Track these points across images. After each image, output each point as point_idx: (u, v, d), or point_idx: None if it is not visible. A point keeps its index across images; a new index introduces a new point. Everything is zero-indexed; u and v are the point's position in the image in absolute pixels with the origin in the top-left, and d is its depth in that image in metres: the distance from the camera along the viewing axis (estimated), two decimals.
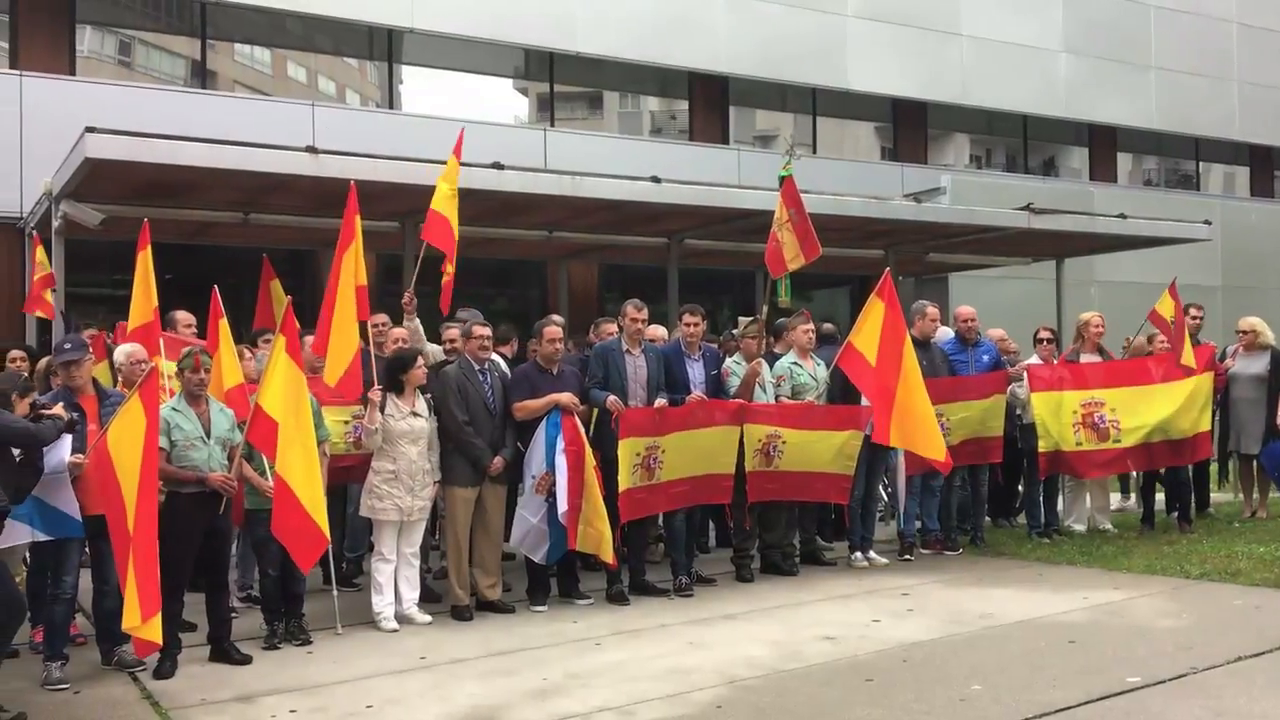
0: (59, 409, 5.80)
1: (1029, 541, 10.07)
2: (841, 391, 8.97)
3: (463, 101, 15.87)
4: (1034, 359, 10.33)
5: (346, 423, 7.83)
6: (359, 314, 7.62)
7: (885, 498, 10.59)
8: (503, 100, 17.27)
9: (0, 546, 5.72)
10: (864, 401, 8.94)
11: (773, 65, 17.72)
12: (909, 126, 19.85)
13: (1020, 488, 10.86)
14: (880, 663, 6.37)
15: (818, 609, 7.77)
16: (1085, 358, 10.30)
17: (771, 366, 9.01)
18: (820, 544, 9.60)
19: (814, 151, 18.27)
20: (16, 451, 5.58)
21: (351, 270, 7.61)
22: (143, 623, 5.85)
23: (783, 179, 8.73)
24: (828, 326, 10.60)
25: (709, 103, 17.96)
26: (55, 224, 9.61)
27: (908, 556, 9.49)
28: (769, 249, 8.75)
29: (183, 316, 8.51)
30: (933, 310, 9.63)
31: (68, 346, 6.40)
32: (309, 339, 7.70)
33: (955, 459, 9.24)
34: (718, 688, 5.93)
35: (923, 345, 9.29)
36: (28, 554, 6.45)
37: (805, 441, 8.58)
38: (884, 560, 9.34)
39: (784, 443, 8.52)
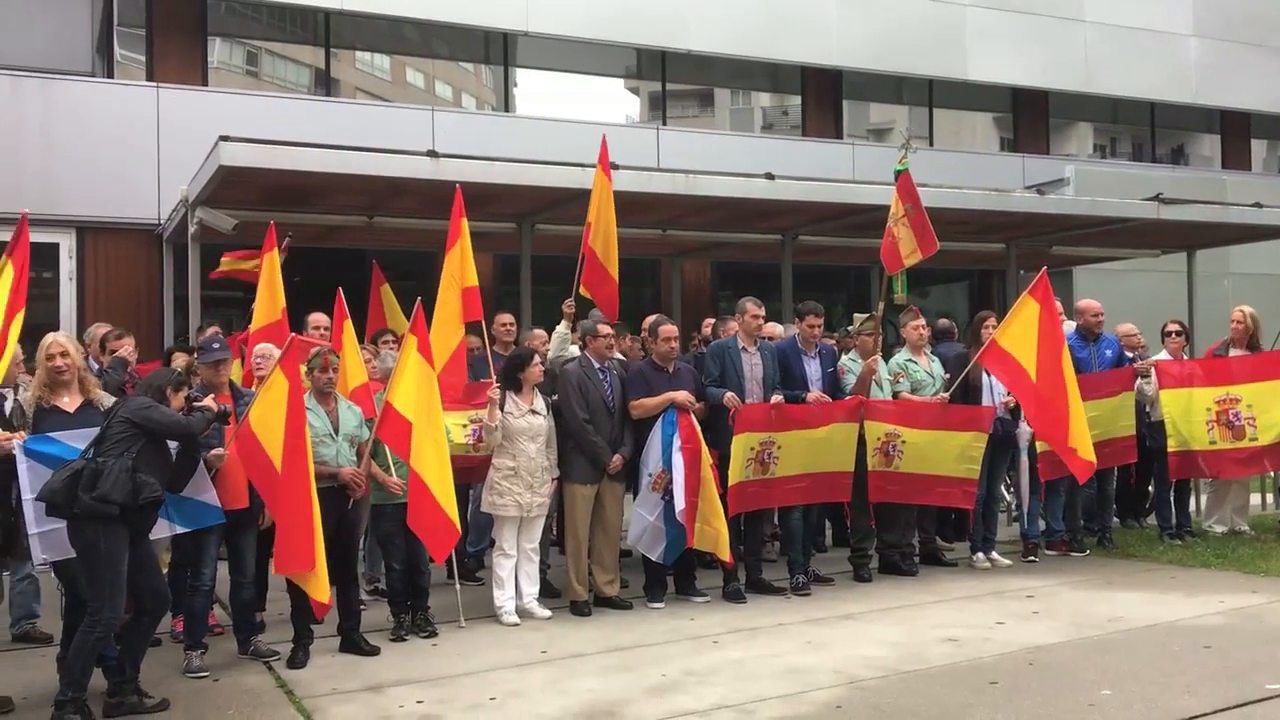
0: (210, 401, 6.06)
1: (1160, 543, 9.76)
2: (962, 391, 8.79)
3: (575, 102, 16.03)
4: (1163, 354, 9.98)
5: (464, 426, 7.98)
6: (470, 314, 7.75)
7: (1008, 497, 10.36)
8: (614, 100, 17.38)
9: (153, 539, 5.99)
10: (985, 401, 8.76)
11: (887, 57, 17.45)
12: (1030, 116, 19.34)
13: (1150, 488, 10.51)
14: (1005, 666, 6.24)
15: (939, 610, 7.65)
16: (1235, 353, 9.88)
17: (886, 364, 8.89)
18: (940, 544, 9.44)
19: (930, 144, 17.96)
20: (173, 444, 5.84)
21: (456, 272, 7.73)
22: (278, 570, 6.21)
23: (899, 173, 8.59)
24: (943, 322, 10.40)
25: (821, 97, 17.78)
26: (191, 230, 10.01)
27: (1032, 558, 9.27)
28: (885, 244, 8.62)
29: (315, 319, 8.80)
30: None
31: (215, 346, 6.68)
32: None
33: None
34: (837, 688, 5.89)
35: None
36: (170, 548, 6.74)
37: (926, 442, 8.44)
38: (1007, 561, 9.14)
39: (904, 442, 8.40)
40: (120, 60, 13.59)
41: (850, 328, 9.32)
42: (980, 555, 9.13)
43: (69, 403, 5.86)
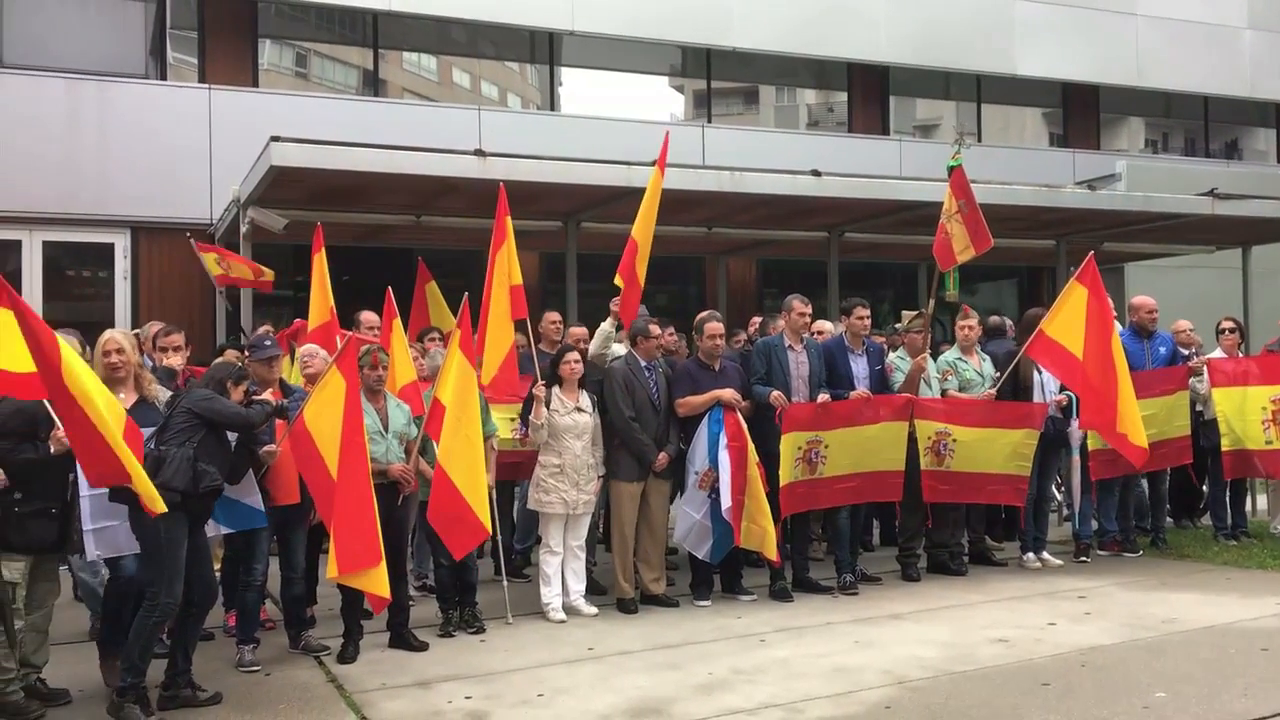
0: (268, 395, 6.13)
1: (1214, 544, 9.60)
2: (1012, 389, 8.69)
3: (620, 101, 16.05)
4: (1217, 352, 9.81)
5: (513, 420, 8.02)
6: (516, 312, 7.78)
7: (1058, 496, 10.24)
8: (659, 98, 17.38)
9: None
10: (1036, 399, 8.67)
11: (935, 53, 17.30)
12: (1080, 111, 19.10)
13: (1204, 487, 10.34)
14: (1057, 667, 6.17)
15: (989, 610, 7.58)
16: None
17: (935, 362, 8.82)
18: (990, 543, 9.34)
19: (979, 140, 17.78)
20: (232, 436, 5.93)
21: (505, 271, 7.77)
22: (340, 573, 6.16)
23: (951, 169, 8.50)
24: (995, 319, 10.30)
25: (868, 93, 17.67)
26: (243, 229, 10.15)
27: (1083, 558, 9.17)
28: (937, 241, 8.54)
29: (366, 318, 8.88)
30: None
31: (267, 344, 6.76)
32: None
33: (1147, 463, 8.87)
34: (886, 688, 5.85)
35: None
36: (222, 543, 6.83)
37: (977, 440, 8.36)
38: (1058, 561, 9.04)
39: (955, 441, 8.33)
40: (173, 62, 13.79)
41: (898, 325, 9.25)
42: (1031, 555, 9.03)
43: (125, 399, 5.95)
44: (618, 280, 8.09)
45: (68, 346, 5.13)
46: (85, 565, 6.63)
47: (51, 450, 5.51)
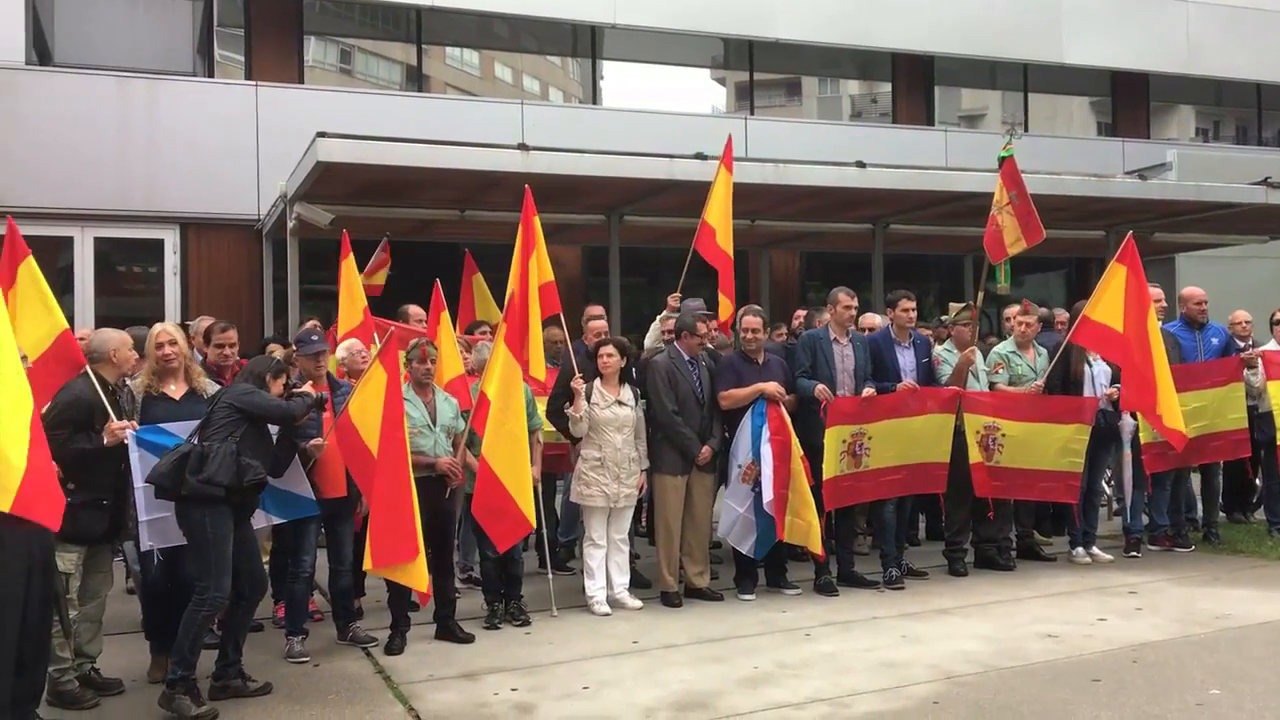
0: (309, 387, 6.19)
1: (1269, 539, 9.42)
2: (1062, 383, 8.58)
3: (661, 93, 16.02)
4: (1271, 344, 9.62)
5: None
6: (549, 308, 7.79)
7: (1108, 491, 10.10)
8: (700, 90, 17.33)
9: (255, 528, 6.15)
10: (1087, 393, 8.55)
11: (981, 41, 17.11)
12: (1129, 99, 18.81)
13: (1258, 481, 10.15)
14: (1108, 663, 6.10)
15: (1038, 605, 7.49)
16: None
17: (985, 355, 8.73)
18: (1038, 538, 9.24)
19: (1025, 129, 17.55)
20: (274, 429, 5.99)
21: (535, 270, 7.77)
22: (375, 566, 6.21)
23: (1002, 159, 8.39)
24: (1042, 311, 10.16)
25: (912, 83, 17.51)
26: (290, 225, 10.25)
27: (1134, 553, 9.04)
28: (988, 233, 8.44)
29: (415, 311, 8.93)
30: (1155, 291, 9.05)
31: (314, 339, 6.81)
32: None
33: (1200, 455, 8.74)
34: (933, 683, 5.81)
35: None
36: (270, 536, 6.90)
37: (1027, 435, 8.25)
38: (1108, 556, 8.93)
39: (1004, 435, 8.23)
40: (220, 60, 13.96)
41: (945, 318, 9.15)
42: (1080, 550, 8.92)
43: (175, 390, 6.04)
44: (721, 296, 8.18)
45: None
46: (138, 556, 6.73)
47: (105, 441, 5.60)
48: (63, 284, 12.08)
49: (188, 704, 5.47)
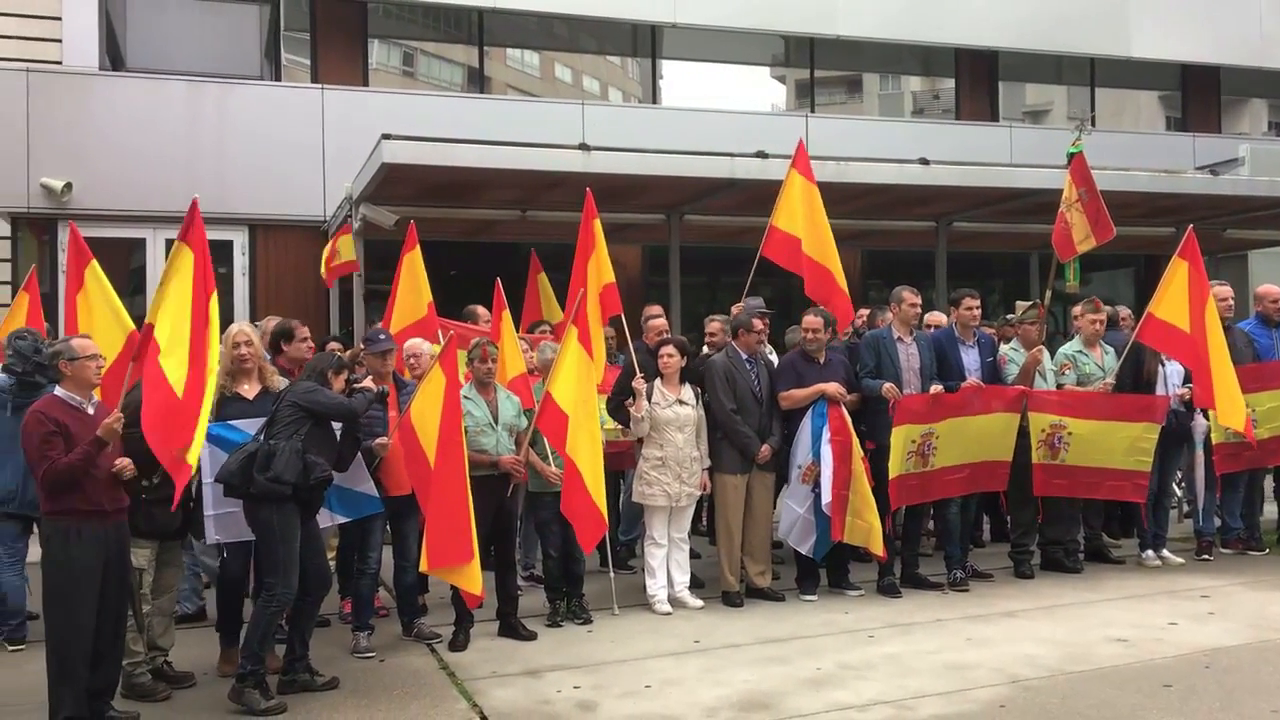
0: (368, 382, 6.27)
1: None
2: (1133, 380, 8.43)
3: (720, 92, 15.98)
4: None
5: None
6: (610, 309, 7.81)
7: (1179, 492, 9.90)
8: (760, 88, 17.26)
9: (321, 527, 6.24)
10: (1159, 391, 8.39)
11: (1046, 36, 16.83)
12: (1199, 93, 18.40)
13: None
14: (1179, 668, 5.99)
15: (1106, 609, 7.37)
16: None
17: (1053, 354, 8.60)
18: (1107, 540, 9.08)
19: (1093, 124, 17.24)
20: (337, 426, 6.08)
21: (594, 271, 7.79)
22: (431, 568, 6.26)
23: (1071, 156, 8.26)
24: (1107, 309, 9.96)
25: (976, 79, 17.29)
26: (355, 225, 10.38)
27: (1206, 556, 8.85)
28: (1057, 230, 8.31)
29: (483, 312, 9.04)
30: (1222, 290, 8.85)
31: (382, 338, 6.90)
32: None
33: (1276, 456, 8.51)
34: (999, 686, 5.74)
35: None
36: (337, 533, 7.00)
37: (1094, 434, 8.12)
38: (1179, 559, 8.75)
39: (1070, 434, 8.10)
40: (286, 64, 14.18)
41: (1010, 316, 9.02)
42: (1150, 553, 8.76)
43: (248, 390, 6.15)
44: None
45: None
46: (207, 550, 6.87)
47: None
48: (135, 285, 12.35)
49: (257, 697, 5.57)
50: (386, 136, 9.05)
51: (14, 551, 6.83)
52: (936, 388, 7.82)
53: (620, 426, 7.90)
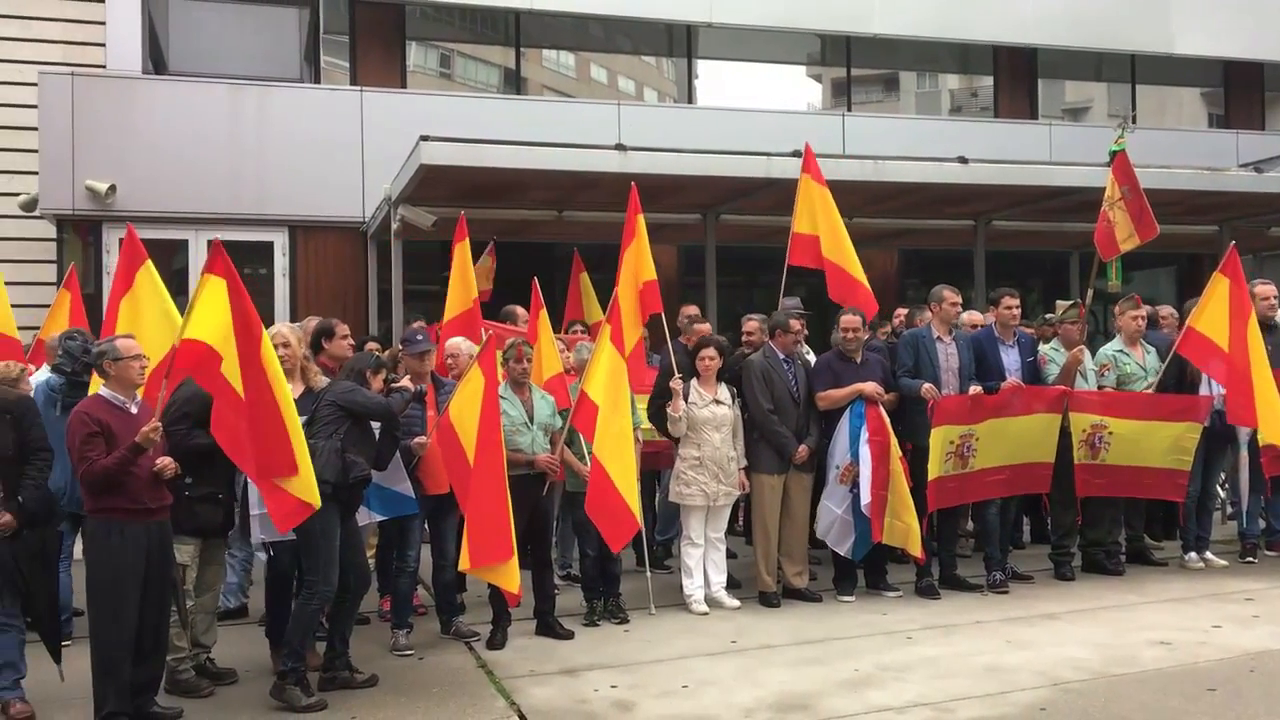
0: (406, 381, 6.31)
1: None
2: (1176, 381, 8.32)
3: (756, 91, 15.94)
4: None
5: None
6: (651, 306, 7.82)
7: (1223, 494, 9.76)
8: (795, 87, 17.20)
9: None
10: (1202, 391, 8.28)
11: (1087, 33, 16.63)
12: (1243, 90, 18.12)
13: None
14: (1223, 672, 5.92)
15: (1148, 611, 7.30)
16: None
17: (1094, 354, 8.51)
18: (1149, 542, 8.98)
19: (1134, 121, 17.03)
20: (376, 425, 6.12)
21: (634, 267, 7.80)
22: (471, 567, 6.28)
23: (1114, 154, 8.19)
24: (1148, 309, 9.85)
25: (1015, 76, 17.14)
26: (394, 226, 10.45)
27: (1250, 559, 8.74)
28: (1099, 229, 8.23)
29: (522, 312, 9.09)
30: (1264, 289, 8.69)
31: (419, 338, 6.93)
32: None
33: None
34: (1040, 689, 5.70)
35: (1265, 329, 8.42)
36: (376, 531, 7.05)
37: (1135, 434, 8.04)
38: (1222, 562, 8.64)
39: (1111, 434, 8.03)
40: (326, 67, 14.29)
41: (1050, 316, 8.94)
42: (1193, 555, 8.65)
43: (292, 391, 6.18)
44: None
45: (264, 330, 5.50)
46: (245, 547, 6.95)
47: None
48: (177, 286, 12.47)
49: (298, 694, 5.63)
50: (425, 138, 9.11)
51: (61, 549, 6.92)
52: (976, 388, 7.76)
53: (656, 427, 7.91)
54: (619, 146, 9.75)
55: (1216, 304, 8.06)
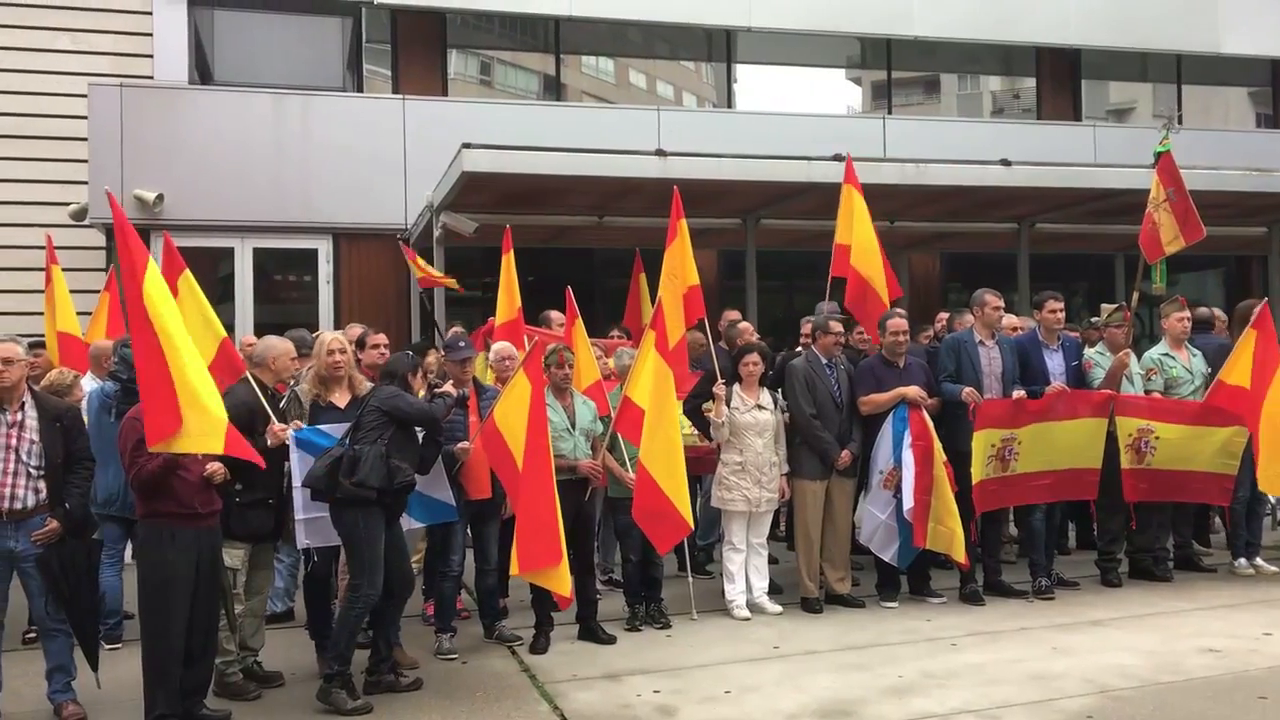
0: (449, 386, 6.36)
1: None
2: None
3: (795, 95, 15.92)
4: None
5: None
6: (694, 312, 7.82)
7: (1272, 500, 9.60)
8: (835, 91, 17.16)
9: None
10: None
11: (1131, 33, 16.47)
12: None
13: None
14: (1274, 680, 5.84)
15: (1197, 618, 7.20)
16: None
17: (1139, 358, 8.41)
18: (1197, 548, 8.85)
19: (1180, 122, 16.81)
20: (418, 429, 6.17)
21: (677, 272, 7.80)
22: (523, 571, 6.32)
23: (1159, 155, 8.08)
24: (1203, 311, 9.74)
25: (1058, 78, 16.99)
26: (436, 233, 10.53)
27: None
28: (1144, 231, 8.14)
29: (556, 316, 9.13)
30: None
31: (461, 345, 6.98)
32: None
33: None
34: (1087, 697, 5.64)
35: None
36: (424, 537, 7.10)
37: (1182, 438, 7.93)
38: (1273, 568, 8.51)
39: (1157, 438, 7.92)
40: (368, 75, 14.46)
41: (1095, 319, 8.84)
42: (1243, 561, 8.52)
43: (340, 398, 6.25)
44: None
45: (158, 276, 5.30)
46: (293, 552, 7.02)
47: (268, 443, 5.85)
48: (223, 293, 12.67)
49: (343, 697, 5.67)
50: (467, 145, 9.18)
51: (114, 553, 7.04)
52: (1019, 392, 7.70)
53: (696, 432, 7.90)
54: (659, 152, 9.79)
55: (1243, 354, 7.94)
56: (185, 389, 5.06)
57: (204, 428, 5.10)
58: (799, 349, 8.24)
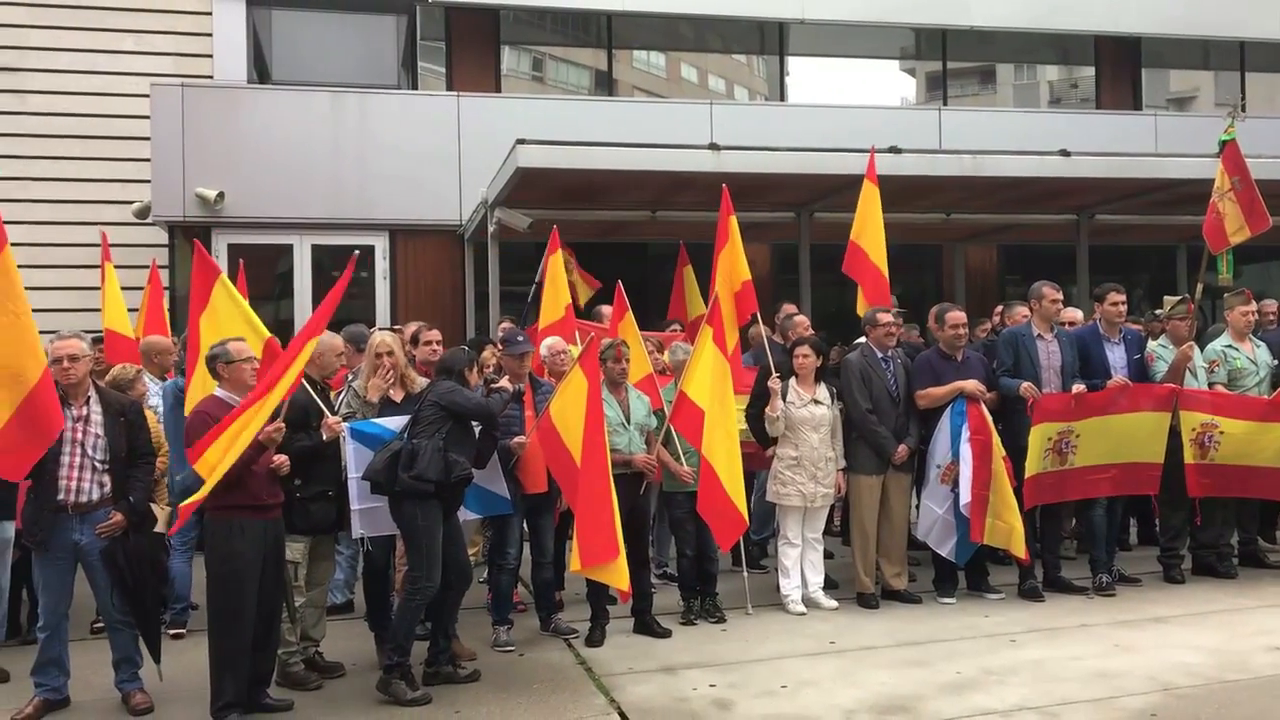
0: (505, 382, 6.41)
1: None
2: None
3: (848, 87, 15.80)
4: None
5: (744, 410, 8.02)
6: (747, 307, 7.80)
7: None
8: (889, 82, 17.01)
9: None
10: None
11: (1194, 20, 16.13)
12: None
13: None
14: None
15: (1263, 615, 7.07)
16: None
17: (1202, 350, 8.26)
18: (1263, 545, 8.69)
19: (1243, 110, 16.44)
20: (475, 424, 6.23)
21: (729, 270, 7.79)
22: (583, 566, 6.35)
23: (1224, 144, 7.93)
24: (1269, 303, 9.53)
25: (1118, 67, 16.69)
26: (490, 229, 10.61)
27: None
28: (1208, 221, 7.99)
29: (608, 310, 9.16)
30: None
31: (519, 339, 7.02)
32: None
33: None
34: (1150, 694, 5.57)
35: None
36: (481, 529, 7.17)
37: (1247, 433, 7.79)
38: None
39: (1221, 434, 7.79)
40: (423, 73, 14.58)
41: (1158, 312, 8.70)
42: None
43: (394, 393, 6.33)
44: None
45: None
46: (351, 544, 7.12)
47: (324, 437, 5.94)
48: (282, 289, 12.85)
49: (403, 688, 5.75)
50: (521, 141, 9.23)
51: (186, 541, 7.20)
52: (1079, 387, 7.59)
53: (748, 427, 7.88)
54: (712, 146, 9.77)
55: None
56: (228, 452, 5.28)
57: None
58: (856, 343, 8.19)
